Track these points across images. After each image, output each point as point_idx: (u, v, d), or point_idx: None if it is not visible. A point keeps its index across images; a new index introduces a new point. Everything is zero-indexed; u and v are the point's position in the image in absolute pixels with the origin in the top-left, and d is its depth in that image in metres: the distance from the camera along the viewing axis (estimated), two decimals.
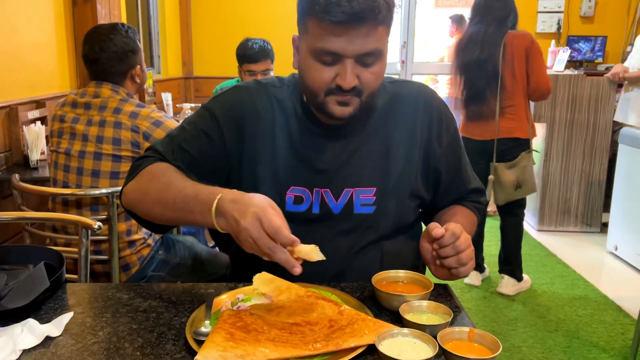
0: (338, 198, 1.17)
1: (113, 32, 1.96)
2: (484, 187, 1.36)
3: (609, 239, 3.80)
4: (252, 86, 1.23)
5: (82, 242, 1.49)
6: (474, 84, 3.01)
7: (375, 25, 1.02)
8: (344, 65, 1.04)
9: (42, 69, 2.81)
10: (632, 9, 5.25)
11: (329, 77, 1.06)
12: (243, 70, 2.88)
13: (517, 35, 2.94)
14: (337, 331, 0.87)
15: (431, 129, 1.22)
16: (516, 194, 3.06)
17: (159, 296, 1.05)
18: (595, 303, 3.01)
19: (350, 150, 1.18)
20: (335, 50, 1.03)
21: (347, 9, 0.98)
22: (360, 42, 1.02)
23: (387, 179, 1.19)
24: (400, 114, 1.21)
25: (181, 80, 5.30)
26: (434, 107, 1.24)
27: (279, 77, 1.26)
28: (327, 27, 1.01)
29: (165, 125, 1.93)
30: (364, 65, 1.06)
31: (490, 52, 2.94)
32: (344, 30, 1.01)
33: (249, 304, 0.98)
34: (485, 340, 0.85)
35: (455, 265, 1.04)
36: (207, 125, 1.18)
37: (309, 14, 1.05)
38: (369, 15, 1.00)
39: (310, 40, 1.06)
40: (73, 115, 1.97)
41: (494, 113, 3.00)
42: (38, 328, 0.90)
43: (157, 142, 1.21)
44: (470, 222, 1.30)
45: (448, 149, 1.25)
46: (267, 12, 5.22)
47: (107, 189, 1.86)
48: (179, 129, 1.22)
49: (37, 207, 2.28)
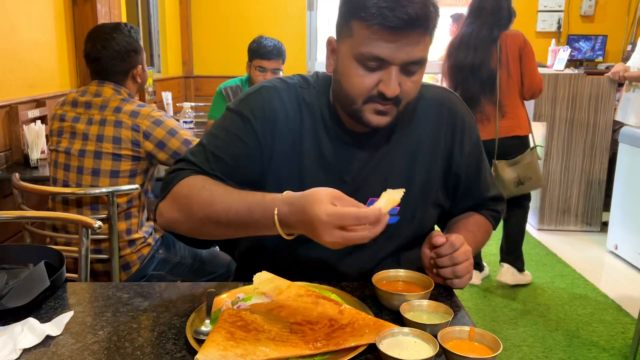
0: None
1: (116, 31, 1.97)
2: (503, 196, 1.34)
3: (609, 238, 3.79)
4: (280, 86, 1.16)
5: (82, 241, 1.49)
6: (468, 89, 3.00)
7: (424, 33, 1.00)
8: (389, 72, 1.01)
9: (42, 68, 2.81)
10: (632, 8, 5.25)
11: (371, 83, 1.02)
12: (253, 66, 2.88)
13: (510, 35, 2.95)
14: (337, 330, 0.87)
15: (454, 136, 1.20)
16: (518, 190, 3.08)
17: (159, 295, 1.05)
18: (595, 302, 3.01)
19: (376, 159, 1.15)
20: (383, 56, 0.99)
21: (401, 15, 0.95)
22: (409, 49, 0.99)
23: (412, 188, 1.16)
24: (425, 120, 1.19)
25: (181, 80, 5.30)
26: (458, 113, 1.21)
27: (303, 76, 1.20)
28: (378, 31, 0.98)
29: (165, 124, 1.93)
30: (407, 74, 1.03)
31: (483, 56, 2.94)
32: (395, 36, 0.97)
33: (250, 303, 0.98)
34: (486, 339, 0.85)
35: (450, 276, 1.04)
36: (240, 129, 1.12)
37: (357, 17, 1.00)
38: (422, 23, 0.98)
39: (355, 43, 1.01)
40: (73, 115, 1.97)
41: (488, 117, 3.01)
42: (38, 327, 0.90)
43: (188, 152, 1.14)
44: (483, 231, 1.29)
45: (469, 156, 1.22)
46: (267, 12, 5.22)
47: (107, 188, 1.86)
48: (209, 136, 1.15)
49: (37, 206, 2.28)
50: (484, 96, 2.98)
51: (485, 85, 2.97)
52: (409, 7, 0.95)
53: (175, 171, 1.10)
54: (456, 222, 1.28)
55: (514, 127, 3.02)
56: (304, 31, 5.26)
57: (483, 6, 2.96)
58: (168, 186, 1.08)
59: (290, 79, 1.19)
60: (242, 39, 4.97)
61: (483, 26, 2.95)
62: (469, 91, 3.00)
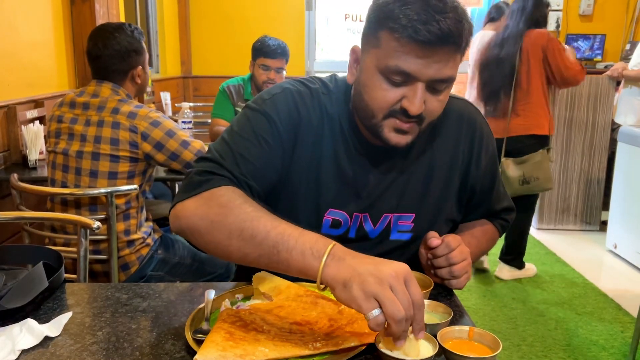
0: (376, 223, 1.12)
1: (118, 30, 1.97)
2: (514, 206, 1.32)
3: (608, 237, 3.80)
4: (304, 91, 1.10)
5: (81, 242, 1.48)
6: (491, 83, 3.09)
7: (455, 51, 0.96)
8: (415, 89, 0.96)
9: (40, 68, 2.80)
10: (630, 7, 5.25)
11: (394, 98, 0.98)
12: (257, 64, 2.88)
13: (534, 33, 3.00)
14: (336, 330, 0.87)
15: (472, 150, 1.17)
16: (523, 190, 3.10)
17: (158, 296, 1.05)
18: (594, 301, 3.01)
19: (393, 174, 1.12)
20: (410, 71, 0.95)
21: (434, 29, 0.91)
22: (438, 66, 0.94)
23: (426, 204, 1.14)
24: (445, 135, 1.15)
25: (180, 80, 5.29)
26: (477, 127, 1.18)
27: (323, 80, 1.14)
28: (407, 44, 0.93)
29: (163, 125, 1.92)
30: (434, 92, 0.98)
31: (508, 51, 3.01)
32: (425, 51, 0.93)
33: (249, 303, 0.98)
34: (485, 339, 0.85)
35: (447, 276, 1.05)
36: (266, 131, 1.05)
37: (387, 28, 0.95)
38: (454, 40, 0.93)
39: (382, 55, 0.97)
40: (71, 116, 1.96)
41: (504, 112, 3.06)
42: (37, 328, 0.89)
43: (214, 151, 1.04)
44: (488, 238, 1.28)
45: (485, 170, 1.20)
46: (266, 12, 5.22)
47: (105, 189, 1.86)
48: (234, 135, 1.06)
49: (36, 207, 2.28)
50: (503, 91, 3.04)
51: (505, 80, 3.03)
52: (442, 22, 0.91)
53: (204, 173, 1.00)
54: (462, 228, 1.27)
55: (531, 125, 3.05)
56: (302, 31, 5.26)
57: (521, 6, 3.05)
58: (197, 188, 0.97)
59: (311, 83, 1.13)
60: (240, 39, 4.98)
61: (514, 23, 3.04)
62: (492, 85, 3.08)
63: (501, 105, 3.07)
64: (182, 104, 3.36)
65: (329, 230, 1.12)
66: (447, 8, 0.93)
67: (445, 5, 0.93)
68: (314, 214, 1.11)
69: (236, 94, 3.01)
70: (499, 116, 3.08)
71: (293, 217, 1.06)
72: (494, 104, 3.10)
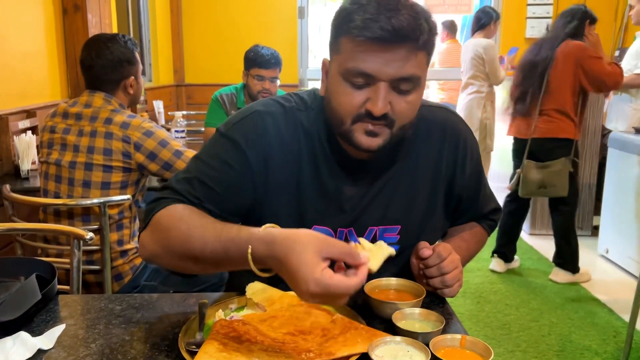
0: (362, 237, 1.12)
1: (112, 41, 1.98)
2: (500, 206, 1.35)
3: (600, 242, 3.82)
4: (276, 111, 1.09)
5: (74, 253, 1.48)
6: (524, 83, 3.23)
7: (415, 48, 0.94)
8: (377, 89, 0.95)
9: (32, 78, 2.80)
10: (619, 14, 5.31)
11: (359, 101, 0.97)
12: (251, 75, 2.86)
13: (570, 44, 3.12)
14: (329, 340, 0.87)
15: (456, 159, 1.17)
16: (539, 193, 3.25)
17: (151, 307, 1.05)
18: (587, 306, 3.03)
19: (377, 187, 1.11)
20: (368, 71, 0.94)
21: (386, 25, 0.91)
22: (397, 64, 0.94)
23: (412, 216, 1.14)
24: (427, 146, 1.14)
25: (173, 88, 5.30)
26: (460, 135, 1.18)
27: (300, 96, 1.14)
28: (363, 44, 0.93)
29: (156, 135, 1.93)
30: (399, 92, 0.97)
31: (543, 56, 3.14)
32: (381, 49, 0.93)
33: (242, 313, 0.98)
34: (477, 347, 0.85)
35: (440, 286, 1.05)
36: (232, 156, 1.05)
37: (344, 32, 0.96)
38: (410, 36, 0.92)
39: (342, 60, 0.97)
40: (64, 126, 1.96)
41: (533, 113, 3.20)
42: (30, 341, 0.89)
43: (173, 179, 1.07)
44: (477, 240, 1.30)
45: (470, 177, 1.21)
46: (258, 20, 5.23)
47: (98, 199, 1.86)
48: (197, 161, 1.08)
49: (28, 218, 2.27)
50: (532, 92, 3.18)
51: (536, 82, 3.16)
52: (394, 19, 0.91)
53: (157, 200, 1.04)
54: (452, 232, 1.29)
55: (554, 128, 3.17)
56: (295, 39, 5.28)
57: (563, 12, 3.23)
58: (148, 215, 1.03)
59: (287, 101, 1.12)
60: (233, 47, 4.98)
61: (555, 29, 3.21)
62: (523, 86, 3.23)
63: (529, 106, 3.21)
64: (174, 112, 3.37)
65: None
66: (400, 6, 0.93)
67: (399, 3, 0.94)
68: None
69: (229, 103, 3.01)
70: (526, 116, 3.23)
71: None
72: (522, 104, 3.25)
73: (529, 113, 3.22)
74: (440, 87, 6.17)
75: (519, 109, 3.28)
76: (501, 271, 3.50)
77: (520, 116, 3.29)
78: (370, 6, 0.94)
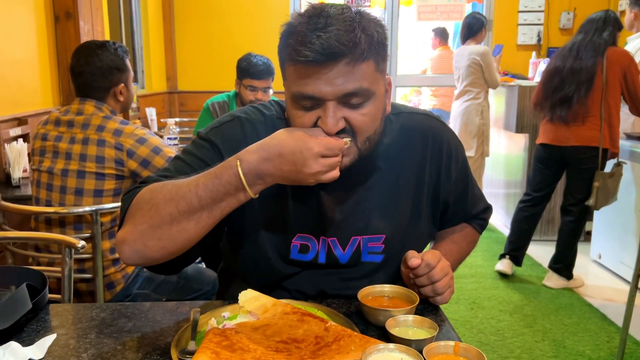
0: (345, 247, 1.11)
1: (101, 48, 1.97)
2: (490, 205, 1.35)
3: (592, 248, 3.84)
4: (256, 119, 1.11)
5: (66, 262, 1.47)
6: (563, 89, 3.15)
7: (355, 61, 0.93)
8: (325, 109, 0.94)
9: (24, 86, 2.79)
10: None
11: (311, 121, 0.96)
12: (244, 85, 2.84)
13: (617, 51, 3.10)
14: (323, 348, 0.87)
15: (440, 165, 1.16)
16: (610, 201, 3.22)
17: (143, 316, 1.05)
18: (580, 311, 3.03)
19: (358, 195, 1.11)
20: (311, 94, 0.94)
21: (315, 47, 0.90)
22: (338, 81, 0.92)
23: (396, 224, 1.13)
24: (408, 152, 1.13)
25: (165, 95, 5.29)
26: (444, 140, 1.17)
27: (281, 104, 1.14)
28: (299, 69, 0.94)
29: (149, 142, 1.92)
30: (352, 107, 0.96)
31: (586, 61, 3.09)
32: (318, 70, 0.92)
33: (235, 322, 0.97)
34: (470, 353, 0.85)
35: (431, 294, 1.06)
36: (208, 156, 1.07)
37: (285, 59, 0.98)
38: (345, 51, 0.91)
39: (288, 85, 0.99)
40: (56, 134, 1.96)
41: (575, 119, 3.15)
42: (20, 351, 0.88)
43: (153, 174, 1.08)
44: (469, 241, 1.30)
45: (457, 181, 1.20)
46: (251, 27, 5.24)
47: (90, 207, 1.84)
48: (175, 161, 1.10)
49: (19, 226, 2.25)
50: (578, 97, 3.11)
51: (581, 86, 3.10)
52: (322, 38, 0.90)
53: (129, 192, 1.04)
54: (442, 235, 1.29)
55: (595, 137, 3.13)
56: None
57: (592, 18, 3.17)
58: (124, 206, 1.01)
59: (267, 109, 1.14)
60: (226, 54, 4.99)
61: (588, 34, 3.13)
62: (563, 91, 3.14)
63: (574, 112, 3.15)
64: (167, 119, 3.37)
65: (298, 255, 1.11)
66: (332, 21, 0.92)
67: (329, 20, 0.92)
68: (281, 240, 1.11)
69: (221, 111, 3.00)
70: (569, 122, 3.17)
71: (260, 243, 1.10)
72: (565, 110, 3.17)
73: (574, 119, 3.15)
74: (432, 93, 6.20)
75: (562, 115, 3.18)
76: (509, 273, 3.50)
77: (561, 122, 3.19)
78: (301, 28, 0.94)
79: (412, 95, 7.27)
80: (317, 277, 1.13)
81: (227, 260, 1.27)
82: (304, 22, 0.94)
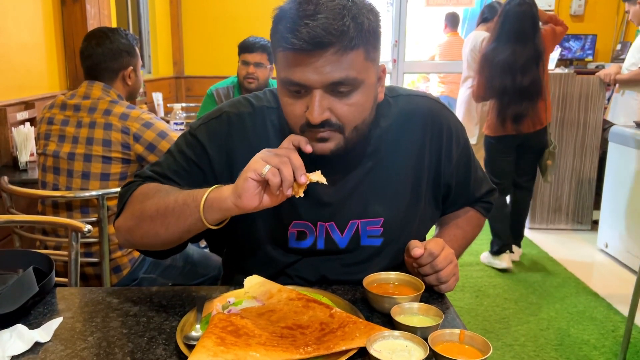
0: (343, 231, 1.11)
1: (113, 32, 2.01)
2: (494, 187, 1.33)
3: (599, 237, 3.82)
4: (244, 112, 1.11)
5: (72, 246, 1.48)
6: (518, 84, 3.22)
7: (343, 50, 0.91)
8: (312, 97, 0.94)
9: (31, 70, 2.79)
10: (621, 7, 5.28)
11: (300, 110, 0.97)
12: (240, 61, 2.95)
13: (546, 29, 3.34)
14: (328, 334, 0.87)
15: (440, 148, 1.14)
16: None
17: (149, 300, 1.05)
18: (585, 300, 3.03)
19: (355, 179, 1.10)
20: (299, 81, 0.94)
21: (303, 35, 0.89)
22: (326, 69, 0.92)
23: (395, 208, 1.12)
24: (407, 135, 1.12)
25: (172, 80, 5.28)
26: (443, 122, 1.15)
27: (274, 92, 1.13)
28: (287, 56, 0.94)
29: (155, 126, 1.92)
30: (340, 96, 0.95)
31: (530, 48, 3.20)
32: (305, 58, 0.91)
33: (240, 307, 0.97)
34: (476, 341, 0.85)
35: (435, 282, 1.05)
36: (196, 155, 1.09)
37: (275, 43, 0.97)
38: (333, 40, 0.90)
39: (278, 70, 0.99)
40: (62, 117, 1.96)
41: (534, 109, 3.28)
42: (27, 334, 0.89)
43: (145, 169, 1.12)
44: (474, 225, 1.29)
45: (458, 163, 1.18)
46: (257, 12, 5.20)
47: (97, 191, 1.85)
48: (167, 155, 1.13)
49: (27, 209, 2.26)
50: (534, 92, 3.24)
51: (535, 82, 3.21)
52: (310, 25, 0.89)
53: (128, 184, 1.11)
54: (446, 219, 1.28)
55: (543, 118, 3.31)
56: None
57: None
58: (122, 198, 1.10)
59: (258, 99, 1.13)
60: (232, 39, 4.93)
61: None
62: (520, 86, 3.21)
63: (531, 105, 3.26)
64: (174, 104, 3.36)
65: (295, 243, 1.11)
66: (321, 9, 0.90)
67: (318, 7, 0.91)
68: (278, 229, 1.10)
69: (224, 98, 3.00)
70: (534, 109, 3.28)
71: (256, 234, 1.11)
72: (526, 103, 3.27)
73: (533, 108, 3.24)
74: (440, 80, 6.15)
75: (521, 109, 3.22)
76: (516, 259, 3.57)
77: (522, 114, 3.24)
78: (290, 14, 0.93)
79: (419, 82, 7.22)
80: (317, 263, 1.13)
81: (229, 249, 1.27)
82: (294, 7, 0.93)
